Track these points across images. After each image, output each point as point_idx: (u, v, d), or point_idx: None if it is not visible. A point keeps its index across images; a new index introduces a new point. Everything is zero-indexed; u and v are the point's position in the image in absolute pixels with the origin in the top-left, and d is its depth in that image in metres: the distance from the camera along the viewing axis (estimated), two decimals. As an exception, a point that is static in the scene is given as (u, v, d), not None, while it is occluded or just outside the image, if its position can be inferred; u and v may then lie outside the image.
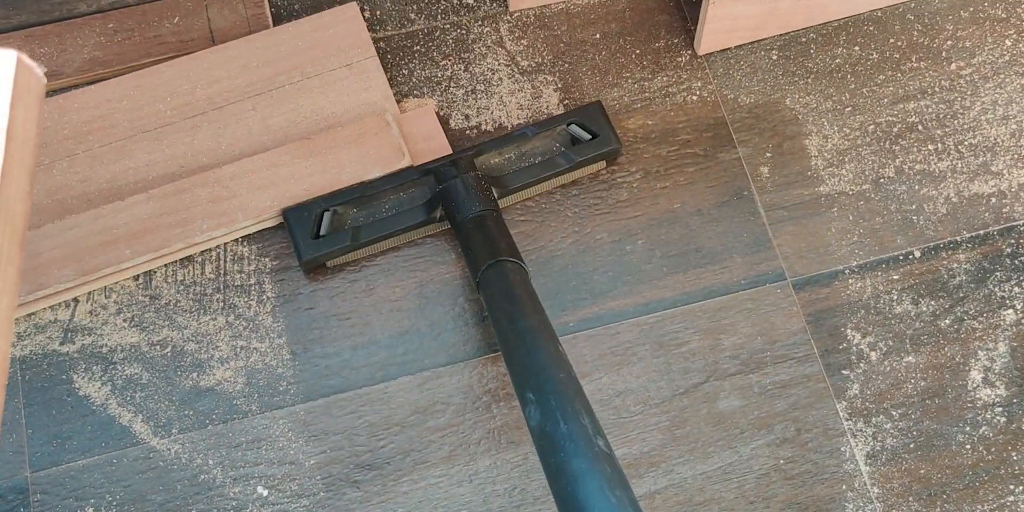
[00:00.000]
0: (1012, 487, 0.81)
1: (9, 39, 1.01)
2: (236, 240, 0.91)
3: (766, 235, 0.92)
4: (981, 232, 0.92)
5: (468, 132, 0.97)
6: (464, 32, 1.03)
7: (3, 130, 0.33)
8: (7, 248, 0.34)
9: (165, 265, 0.89)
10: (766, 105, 0.99)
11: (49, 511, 0.79)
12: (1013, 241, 0.91)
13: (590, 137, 0.90)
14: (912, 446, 0.83)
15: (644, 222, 0.92)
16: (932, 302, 0.89)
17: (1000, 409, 0.84)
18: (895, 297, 0.89)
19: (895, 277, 0.90)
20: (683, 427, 0.83)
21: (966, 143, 0.96)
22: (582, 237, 0.92)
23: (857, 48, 1.02)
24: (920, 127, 0.97)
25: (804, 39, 1.03)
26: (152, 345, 0.86)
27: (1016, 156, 0.96)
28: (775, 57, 1.02)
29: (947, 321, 0.88)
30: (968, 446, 0.83)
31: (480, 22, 1.03)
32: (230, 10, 1.04)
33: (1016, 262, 0.90)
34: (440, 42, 1.02)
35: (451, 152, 0.92)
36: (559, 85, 1.00)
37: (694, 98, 0.99)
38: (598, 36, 1.03)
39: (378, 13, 1.04)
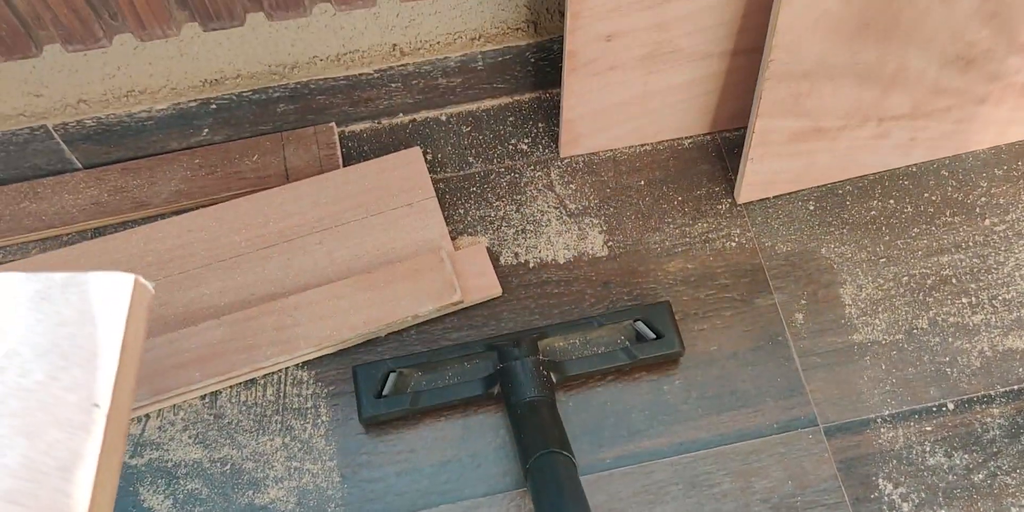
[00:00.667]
0: None
1: (107, 171, 1.12)
2: (297, 365, 0.97)
3: (799, 380, 0.95)
4: (1015, 387, 0.94)
5: (518, 269, 1.03)
6: (517, 176, 1.11)
7: (118, 343, 0.40)
8: (114, 441, 0.40)
9: (230, 387, 0.96)
10: (802, 253, 1.04)
11: None
12: (1046, 397, 0.93)
13: (655, 336, 0.92)
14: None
15: (682, 363, 0.96)
16: (965, 455, 0.90)
17: (1034, 570, 0.84)
18: (928, 448, 0.90)
19: (928, 428, 0.91)
20: (713, 572, 0.84)
21: (1000, 298, 1.00)
22: (622, 375, 0.96)
23: (892, 201, 1.07)
24: (954, 280, 1.01)
25: (840, 191, 1.08)
26: (213, 462, 0.91)
27: (1049, 312, 0.98)
28: (812, 208, 1.07)
29: (980, 476, 0.89)
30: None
31: (532, 166, 1.11)
32: (304, 150, 1.14)
33: (1050, 418, 0.92)
34: (495, 184, 1.10)
35: (513, 333, 0.95)
36: (604, 228, 1.06)
37: (733, 244, 1.05)
38: (643, 183, 1.10)
39: (439, 156, 1.13)
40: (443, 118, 1.16)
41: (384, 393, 0.89)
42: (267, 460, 0.91)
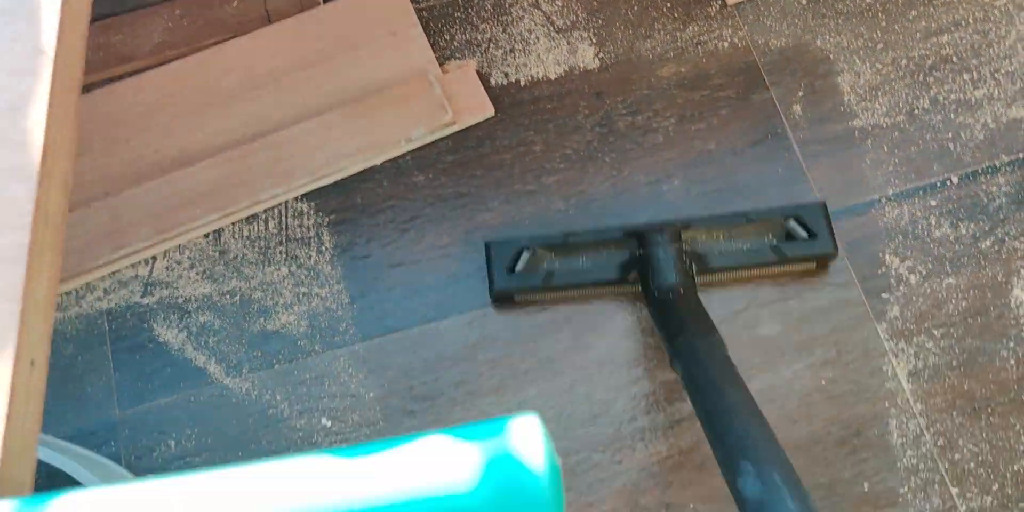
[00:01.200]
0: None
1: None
2: (296, 198, 0.97)
3: (801, 169, 0.94)
4: (1021, 156, 0.92)
5: (509, 89, 1.01)
6: (502, -3, 1.07)
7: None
8: (66, 84, 0.43)
9: (232, 223, 0.97)
10: (797, 47, 1.01)
11: (136, 444, 0.87)
12: (1052, 162, 0.91)
13: (807, 235, 0.85)
14: (955, 363, 0.84)
15: (680, 163, 0.95)
16: (972, 225, 0.89)
17: (1041, 323, 0.85)
18: (933, 222, 0.90)
19: (933, 203, 0.91)
20: (723, 351, 0.86)
21: (1003, 71, 0.97)
22: (620, 180, 0.95)
23: (889, -14, 1.03)
24: (954, 58, 0.98)
25: (835, -18, 1.04)
26: (222, 295, 0.93)
27: (1054, 80, 0.96)
28: (804, 1, 1.03)
29: (988, 242, 0.88)
30: (1012, 361, 0.83)
31: (517, -13, 1.08)
32: (283, -9, 1.11)
33: (1056, 182, 0.91)
34: (479, 7, 1.07)
35: (656, 222, 0.88)
36: (594, 40, 1.04)
37: (725, 45, 1.02)
38: (630, -8, 1.06)
39: (420, -15, 1.09)
40: (421, -52, 1.12)
41: (517, 269, 0.85)
42: (275, 289, 0.92)
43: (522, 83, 1.02)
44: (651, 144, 0.97)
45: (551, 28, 1.05)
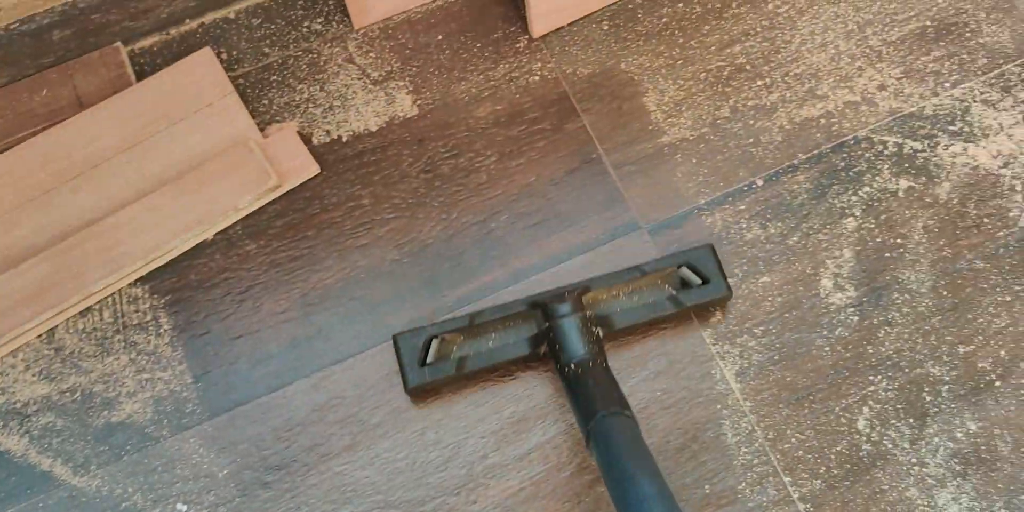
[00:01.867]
0: (871, 378, 0.85)
1: None
2: (129, 284, 0.96)
3: (618, 191, 0.97)
4: (815, 152, 0.97)
5: (332, 146, 1.03)
6: (316, 56, 1.09)
7: None
8: None
9: (65, 320, 0.95)
10: (603, 73, 1.04)
11: (-9, 559, 0.85)
12: (845, 155, 0.96)
13: (700, 281, 0.86)
14: (776, 358, 0.87)
15: (504, 200, 0.98)
16: (779, 223, 0.94)
17: (852, 309, 0.89)
18: (744, 225, 0.94)
19: (742, 207, 0.95)
20: (563, 379, 0.88)
21: (792, 74, 1.02)
22: (450, 223, 0.97)
23: (681, 5, 1.08)
24: (748, 67, 1.03)
25: (631, 5, 1.09)
26: (62, 393, 0.91)
27: (838, 77, 1.01)
28: (606, 27, 1.07)
29: (795, 238, 0.93)
30: (827, 348, 0.87)
31: (329, 44, 1.10)
32: (94, 75, 1.10)
33: (850, 173, 0.96)
34: (295, 69, 1.08)
35: (556, 289, 0.88)
36: (410, 88, 1.06)
37: (536, 78, 1.05)
38: (440, 37, 1.09)
39: (234, 53, 1.10)
40: (232, 16, 1.13)
41: (428, 361, 0.84)
42: (116, 379, 0.91)
43: (344, 139, 1.03)
44: (475, 184, 0.99)
45: (367, 81, 1.07)
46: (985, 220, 0.92)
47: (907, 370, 0.85)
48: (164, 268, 0.96)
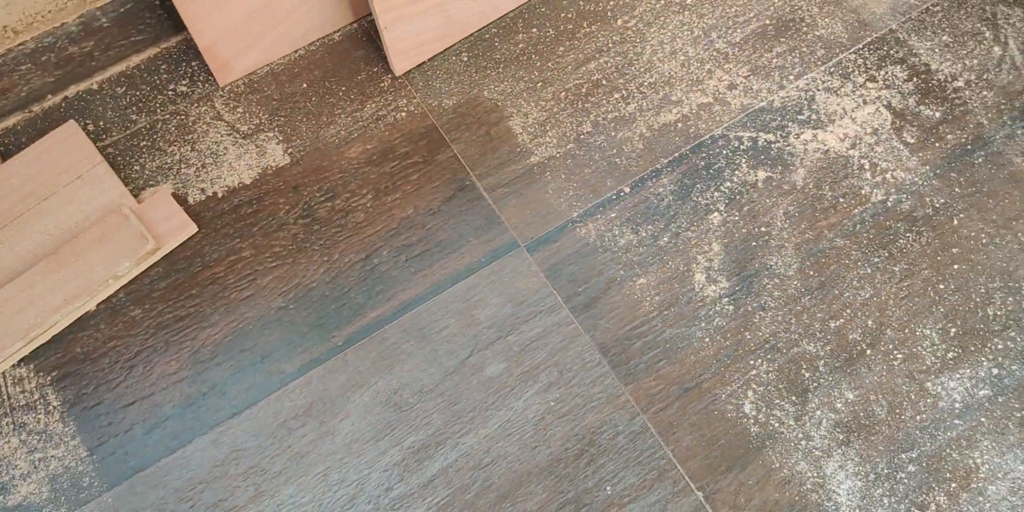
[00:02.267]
0: (752, 362, 0.88)
1: None
2: (13, 365, 0.94)
3: (494, 213, 0.99)
4: (676, 155, 1.00)
5: (209, 203, 1.03)
6: (184, 117, 1.09)
7: None
8: None
9: (-50, 405, 0.93)
10: (467, 102, 1.07)
11: None
12: (704, 154, 1.00)
13: None
14: (660, 354, 0.89)
15: (384, 235, 0.99)
16: (649, 227, 0.96)
17: (727, 300, 0.91)
18: (617, 232, 0.96)
19: (613, 215, 0.97)
20: (459, 402, 0.88)
21: (646, 83, 1.06)
22: (333, 265, 0.97)
23: (535, 30, 1.11)
24: (604, 81, 1.06)
25: (487, 36, 1.12)
26: (-47, 483, 0.89)
27: (689, 82, 1.05)
28: (466, 58, 1.10)
29: (665, 239, 0.95)
30: (707, 340, 0.89)
31: (196, 104, 1.10)
32: (-41, 160, 1.09)
33: (710, 171, 0.99)
34: (164, 132, 1.09)
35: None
36: (280, 138, 1.07)
37: (403, 114, 1.07)
38: (305, 85, 1.10)
39: (101, 123, 1.10)
40: (95, 87, 1.13)
41: None
42: (8, 462, 0.89)
43: (220, 194, 1.04)
44: (354, 223, 1.00)
45: (237, 135, 1.08)
46: (841, 200, 0.96)
47: (784, 351, 0.88)
48: (48, 345, 0.95)
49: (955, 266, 0.92)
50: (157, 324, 0.95)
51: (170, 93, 1.11)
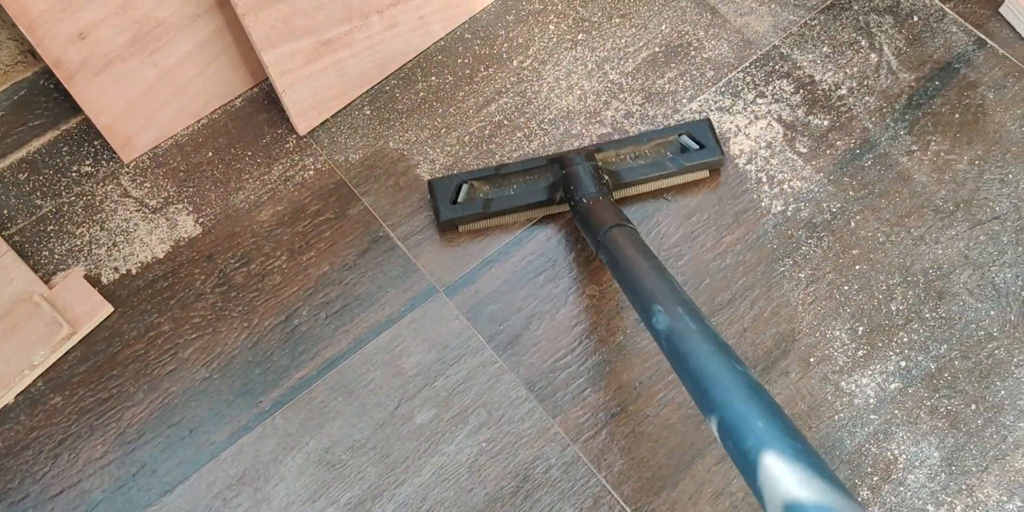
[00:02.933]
0: (674, 379, 0.88)
1: None
2: (-69, 466, 0.91)
3: (410, 262, 0.99)
4: (581, 186, 1.02)
5: (124, 281, 1.01)
6: (91, 197, 1.08)
7: None
8: None
9: None
10: (374, 155, 1.08)
11: None
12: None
13: (698, 147, 0.98)
14: (584, 383, 0.90)
15: (302, 294, 0.98)
16: (564, 261, 0.97)
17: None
18: (534, 267, 0.97)
19: (528, 251, 0.98)
20: (392, 453, 0.87)
21: (547, 120, 1.08)
22: (253, 330, 0.97)
23: (434, 78, 1.13)
24: (506, 122, 1.08)
25: (388, 88, 1.13)
26: None
27: (588, 114, 1.07)
28: (368, 112, 1.11)
29: (580, 269, 0.96)
30: (632, 359, 0.90)
31: (102, 183, 1.09)
32: None
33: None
34: (71, 214, 1.07)
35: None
36: (190, 209, 1.06)
37: (311, 173, 1.07)
38: (211, 154, 1.10)
39: (5, 211, 1.09)
40: (-3, 176, 1.12)
41: (459, 200, 0.97)
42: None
43: (134, 271, 1.03)
44: (271, 286, 1.00)
45: (146, 210, 1.07)
46: (742, 215, 0.98)
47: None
48: (-32, 442, 0.92)
49: (856, 267, 0.94)
50: (79, 409, 0.93)
51: (74, 175, 1.11)
